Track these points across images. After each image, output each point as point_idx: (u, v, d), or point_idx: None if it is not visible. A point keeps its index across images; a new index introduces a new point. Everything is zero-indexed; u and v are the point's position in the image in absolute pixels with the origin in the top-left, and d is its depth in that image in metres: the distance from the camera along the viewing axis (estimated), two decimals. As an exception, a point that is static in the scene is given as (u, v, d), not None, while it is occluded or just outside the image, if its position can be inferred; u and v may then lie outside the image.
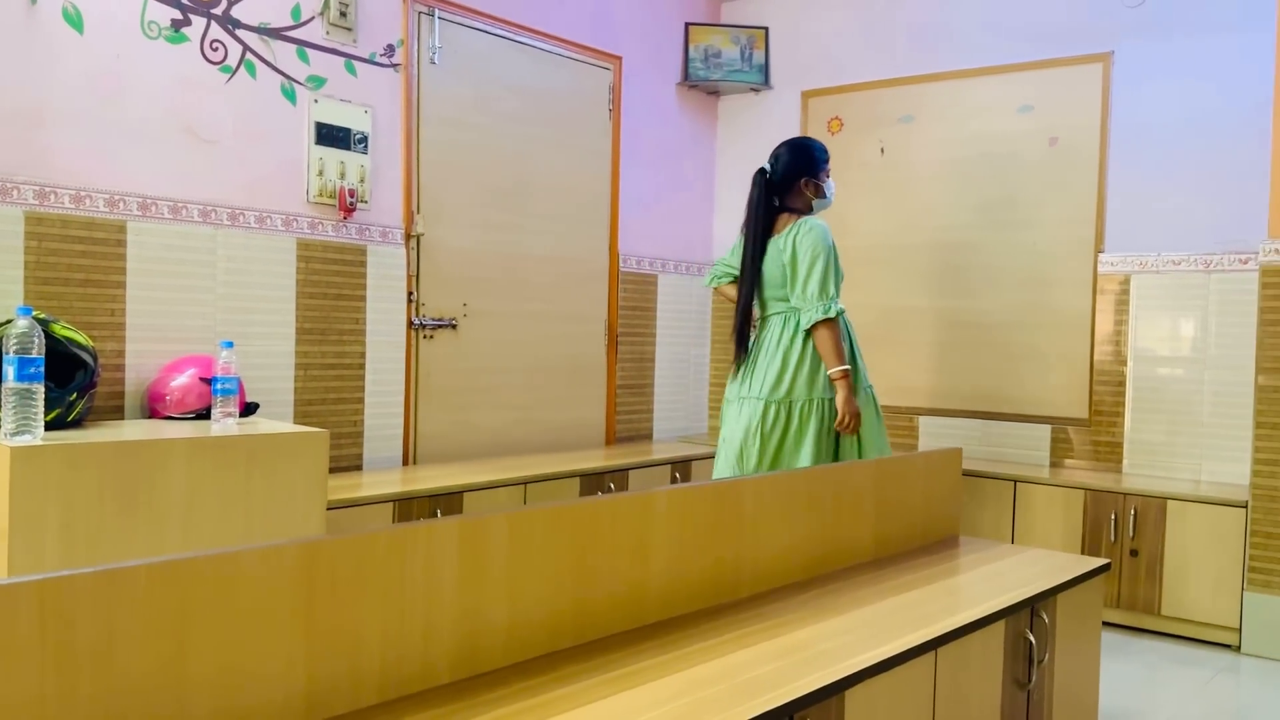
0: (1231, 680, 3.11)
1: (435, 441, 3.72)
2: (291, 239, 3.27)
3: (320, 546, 1.31)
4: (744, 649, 1.66)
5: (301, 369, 3.30)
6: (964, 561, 2.40)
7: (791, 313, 3.18)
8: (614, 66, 4.41)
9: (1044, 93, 4.10)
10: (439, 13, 3.67)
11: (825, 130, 4.70)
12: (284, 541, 1.29)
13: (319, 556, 1.31)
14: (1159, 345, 3.84)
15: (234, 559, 1.24)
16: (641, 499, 1.78)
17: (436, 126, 3.69)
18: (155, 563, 1.16)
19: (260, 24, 3.17)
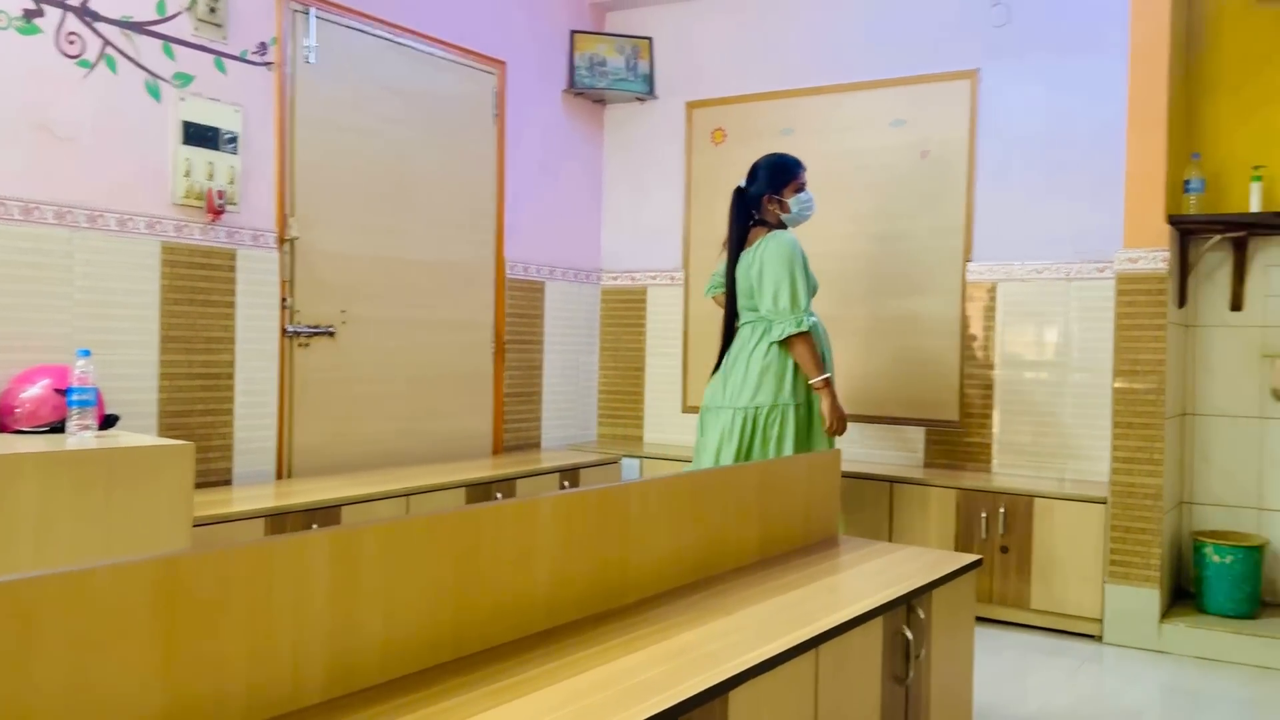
0: (1095, 669, 3.27)
1: (312, 454, 3.60)
2: (156, 242, 3.11)
3: (179, 562, 1.24)
4: (630, 654, 1.64)
5: (166, 379, 3.14)
6: (844, 560, 2.45)
7: (760, 321, 3.31)
8: (498, 71, 4.37)
9: (916, 107, 4.25)
10: (315, 11, 3.56)
11: (709, 141, 4.77)
12: (140, 558, 1.21)
13: (178, 573, 1.24)
14: (1024, 350, 4.02)
15: (84, 578, 1.15)
16: (525, 506, 1.75)
17: (312, 127, 3.57)
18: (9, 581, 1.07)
19: (122, 17, 3.01)
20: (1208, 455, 3.74)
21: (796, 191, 3.39)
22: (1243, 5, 3.66)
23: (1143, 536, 3.44)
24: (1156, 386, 3.43)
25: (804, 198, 3.40)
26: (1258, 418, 3.65)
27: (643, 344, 4.94)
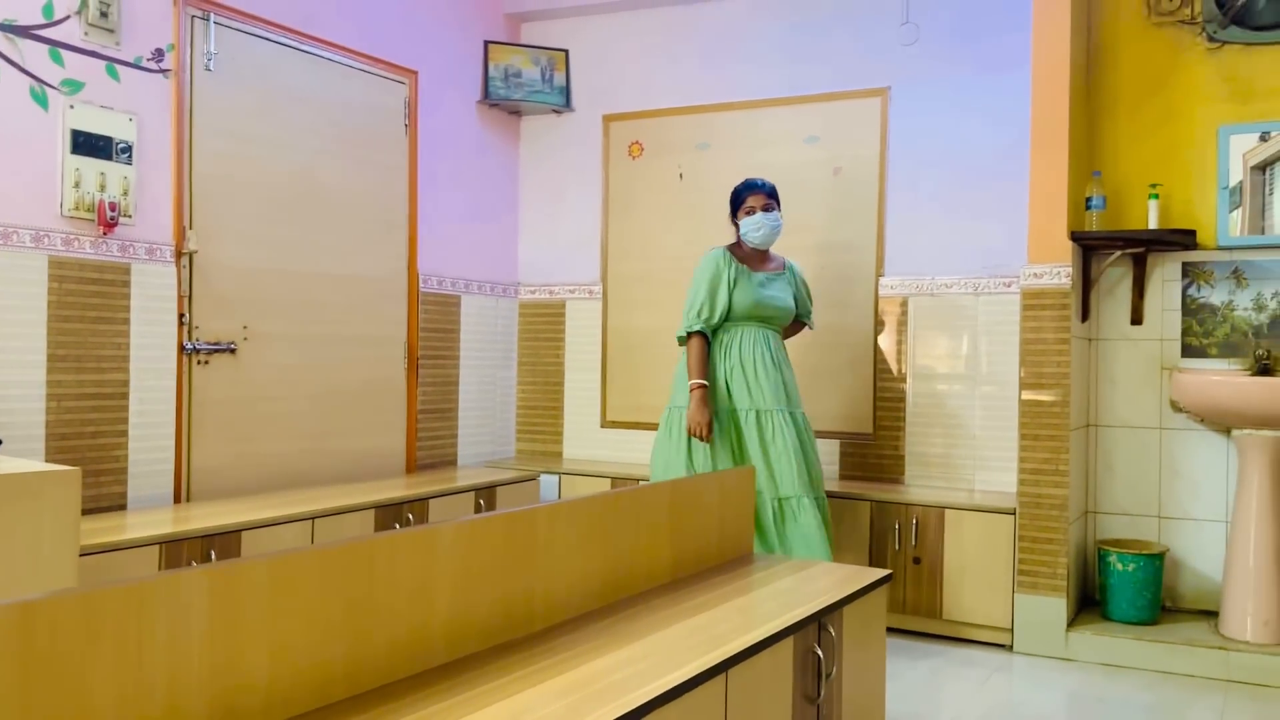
0: (1005, 678, 3.33)
1: (213, 476, 3.46)
2: (42, 256, 2.96)
3: (36, 608, 1.15)
4: (533, 686, 1.60)
5: (54, 400, 2.98)
6: (756, 579, 2.44)
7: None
8: (409, 81, 4.28)
9: (829, 124, 4.30)
10: (214, 17, 3.44)
11: (626, 154, 4.75)
12: (-8, 605, 1.12)
13: (36, 619, 1.15)
14: (935, 363, 4.09)
15: (-75, 629, 1.06)
16: (423, 534, 1.69)
17: (212, 137, 3.45)
18: None
19: (5, 20, 2.86)
20: (1111, 465, 3.84)
21: (746, 215, 3.53)
22: (1140, 27, 3.79)
23: (1049, 546, 3.51)
24: (1061, 399, 3.51)
25: (746, 223, 3.53)
26: (1157, 428, 3.77)
27: (562, 358, 4.89)
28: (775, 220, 3.53)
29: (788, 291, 3.58)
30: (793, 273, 3.65)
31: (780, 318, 3.54)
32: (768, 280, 3.53)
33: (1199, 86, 3.70)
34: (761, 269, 3.56)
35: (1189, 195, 3.70)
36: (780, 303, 3.54)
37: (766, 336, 3.49)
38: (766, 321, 3.51)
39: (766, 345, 3.47)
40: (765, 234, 3.51)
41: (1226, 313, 3.65)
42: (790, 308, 3.57)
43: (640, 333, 4.70)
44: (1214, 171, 3.66)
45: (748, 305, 3.46)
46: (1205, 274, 3.69)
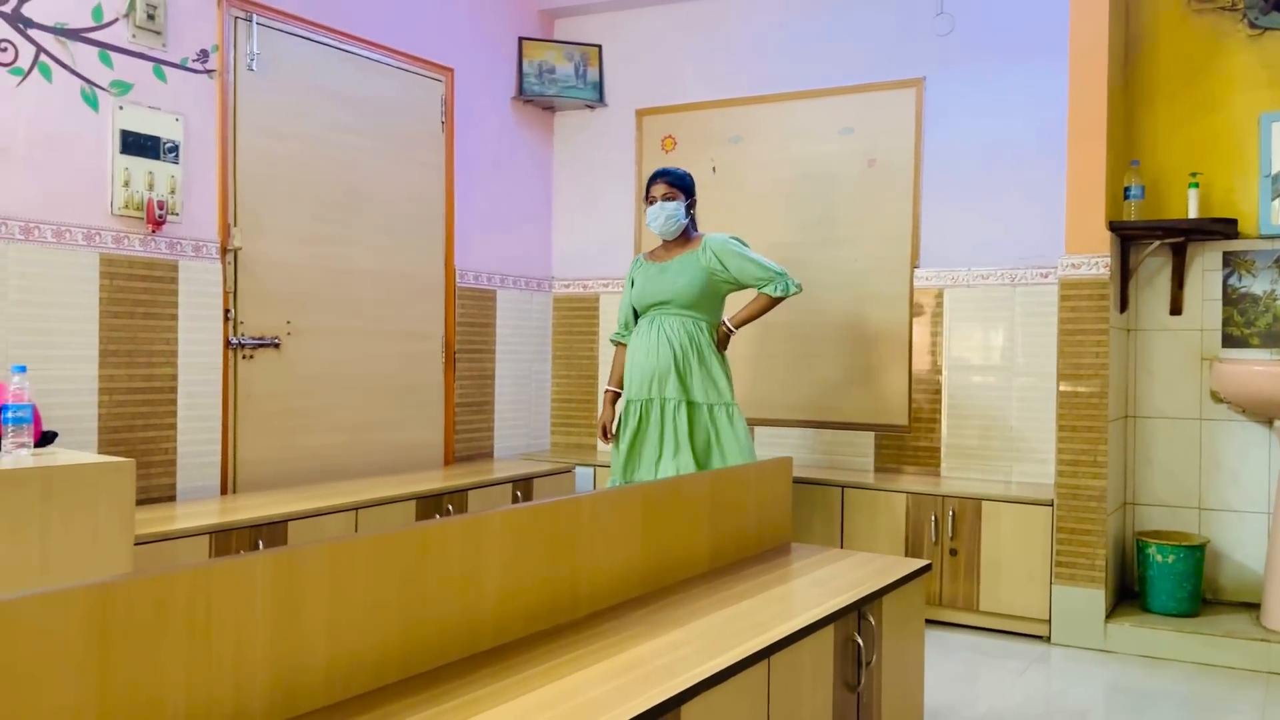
0: (1043, 669, 3.32)
1: (258, 468, 3.53)
2: (94, 254, 3.04)
3: (114, 589, 1.20)
4: (580, 670, 1.63)
5: (106, 394, 3.06)
6: (795, 568, 2.46)
7: None
8: (446, 78, 4.33)
9: (863, 116, 4.30)
10: (257, 18, 3.51)
11: (659, 148, 4.77)
12: (72, 585, 1.17)
13: (113, 600, 1.20)
14: (971, 355, 4.08)
15: (13, 607, 1.12)
16: (472, 522, 1.73)
17: (255, 135, 3.52)
18: (-88, 618, 1.03)
19: (57, 24, 2.94)
20: (1150, 457, 3.82)
21: (648, 205, 3.50)
22: (1179, 14, 3.76)
23: (1088, 538, 3.50)
24: (1100, 390, 3.50)
25: (648, 214, 3.50)
26: (1197, 419, 3.74)
27: (595, 351, 4.93)
28: (671, 210, 3.43)
29: (688, 272, 3.40)
30: (707, 248, 3.43)
31: (675, 301, 3.40)
32: (666, 268, 3.45)
33: (1240, 74, 3.66)
34: (666, 257, 3.49)
35: (1230, 184, 3.67)
36: (663, 286, 3.41)
37: (663, 324, 3.41)
38: (661, 307, 3.43)
39: (659, 332, 3.40)
40: (661, 224, 3.45)
41: (1269, 302, 3.62)
42: (683, 289, 3.38)
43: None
44: (1255, 160, 3.63)
45: (637, 299, 3.49)
46: (1247, 263, 3.65)
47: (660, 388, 3.35)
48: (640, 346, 3.43)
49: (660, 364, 3.36)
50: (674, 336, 3.37)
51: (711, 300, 3.44)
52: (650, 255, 3.56)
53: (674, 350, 3.36)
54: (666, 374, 3.34)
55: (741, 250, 3.41)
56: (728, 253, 3.40)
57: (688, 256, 3.43)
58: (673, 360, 3.35)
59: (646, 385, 3.37)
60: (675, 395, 3.34)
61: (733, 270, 3.38)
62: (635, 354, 3.44)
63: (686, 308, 3.40)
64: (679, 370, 3.35)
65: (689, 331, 3.39)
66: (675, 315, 3.40)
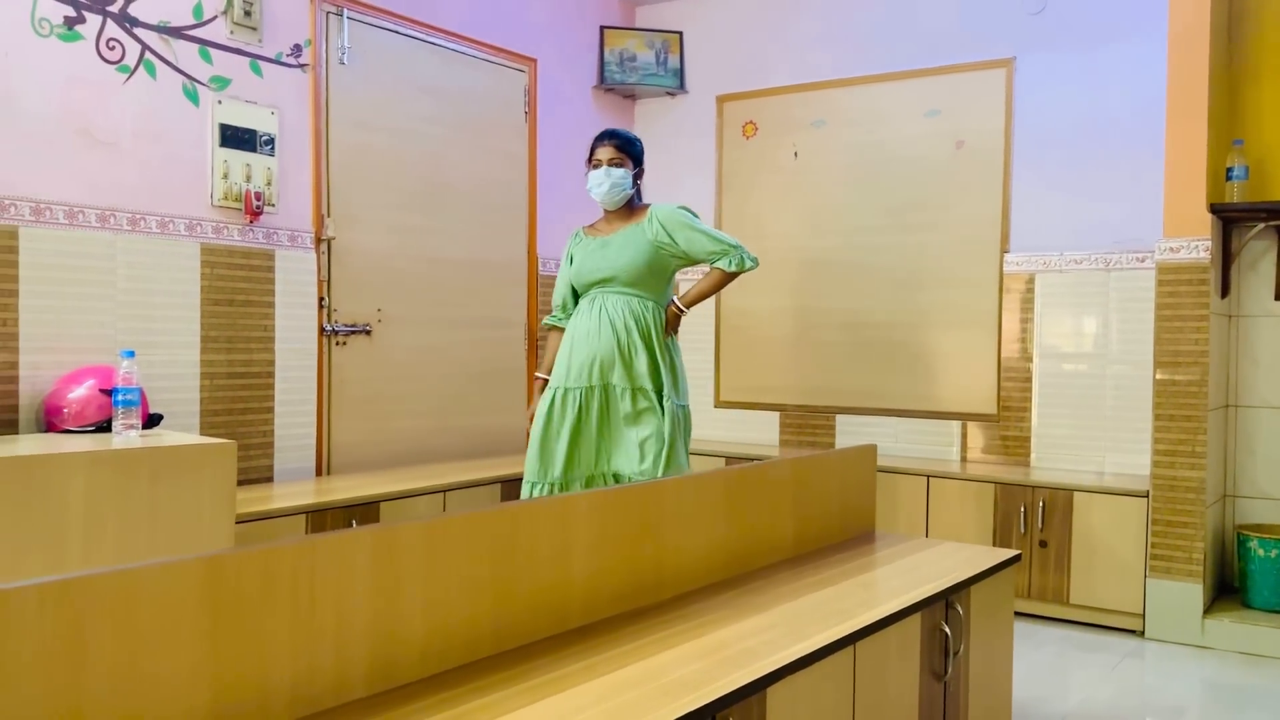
0: (1137, 664, 3.23)
1: (350, 450, 3.64)
2: (195, 244, 3.16)
3: (224, 561, 1.26)
4: (666, 650, 1.65)
5: (208, 378, 3.19)
6: (880, 556, 2.44)
7: None
8: (529, 69, 4.38)
9: (951, 97, 4.21)
10: (348, 12, 3.60)
11: (740, 134, 4.75)
12: (186, 556, 1.23)
13: (223, 571, 1.26)
14: (1063, 342, 3.98)
15: (133, 576, 1.18)
16: (561, 503, 1.76)
17: (346, 128, 3.61)
18: (48, 582, 1.10)
19: (160, 22, 3.06)
20: (1252, 448, 3.67)
21: (591, 169, 3.11)
22: (1286, -12, 3.58)
23: (1185, 530, 3.39)
24: (1199, 378, 3.37)
25: (589, 180, 3.12)
26: (1304, 409, 3.58)
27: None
28: (618, 178, 3.04)
29: (632, 246, 3.03)
30: (654, 219, 3.06)
31: (619, 278, 3.02)
32: (609, 242, 3.07)
33: (1354, 46, 3.48)
34: (609, 231, 3.11)
35: (1342, 162, 3.50)
36: (605, 262, 3.04)
37: (605, 304, 3.02)
38: (603, 285, 3.05)
39: (601, 313, 3.01)
40: (605, 192, 3.06)
41: (1384, 287, 3.44)
42: (627, 264, 3.01)
43: (754, 313, 4.70)
44: (1371, 136, 3.45)
45: (576, 277, 3.11)
46: (1360, 246, 3.48)
47: (604, 374, 2.97)
48: (580, 328, 3.03)
49: (603, 348, 2.97)
50: (617, 318, 2.99)
51: (659, 278, 3.06)
52: (590, 228, 3.19)
53: (617, 333, 2.97)
54: (610, 359, 2.96)
55: (691, 221, 3.05)
56: (676, 224, 3.03)
57: (632, 229, 3.05)
58: (615, 344, 2.96)
59: (587, 371, 2.97)
60: (621, 383, 2.97)
61: (681, 243, 3.02)
62: (575, 337, 3.04)
63: (631, 285, 3.02)
64: (623, 355, 2.97)
65: (634, 312, 3.00)
66: (619, 294, 3.02)
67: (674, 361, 3.07)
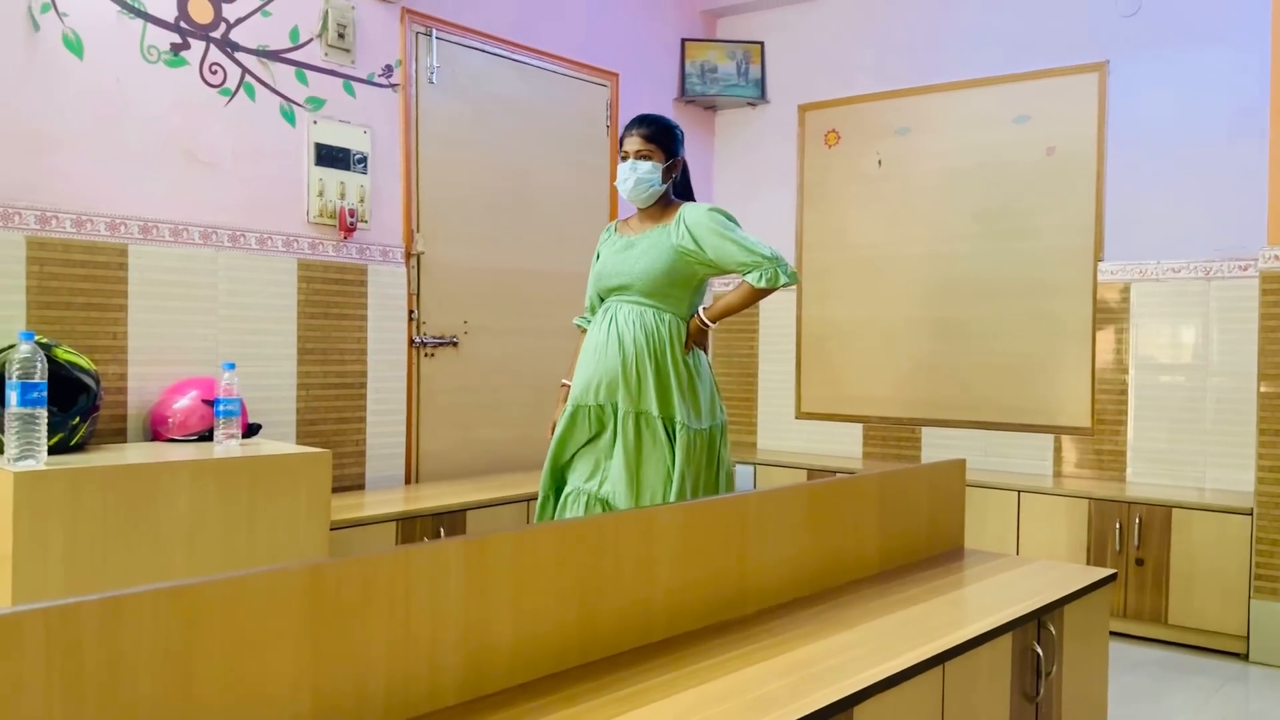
0: (1240, 689, 3.10)
1: (437, 459, 3.72)
2: (292, 260, 3.28)
3: (325, 569, 1.31)
4: (752, 665, 1.65)
5: (303, 389, 3.30)
6: (969, 574, 2.39)
7: None
8: (610, 83, 4.43)
9: (1040, 102, 4.12)
10: (436, 33, 3.69)
11: (822, 143, 4.72)
12: (289, 565, 1.28)
13: (324, 579, 1.31)
14: (1160, 353, 3.84)
15: (240, 583, 1.23)
16: (645, 515, 1.78)
17: (435, 145, 3.70)
18: (161, 589, 1.16)
19: (259, 46, 3.19)
20: (1367, 464, 3.49)
21: (621, 162, 2.77)
22: (1402, -18, 3.41)
23: (1294, 550, 3.24)
24: (1308, 391, 3.23)
25: (619, 170, 2.77)
26: None
27: (755, 349, 4.92)
28: (644, 172, 2.69)
29: (654, 251, 2.68)
30: (680, 222, 2.70)
31: (635, 286, 2.69)
32: (633, 244, 2.74)
33: None
34: (637, 230, 2.78)
35: None
36: (624, 266, 2.71)
37: (617, 315, 2.70)
38: (620, 292, 2.72)
39: (611, 326, 2.69)
40: (631, 188, 2.71)
41: None
42: (645, 271, 2.67)
43: (837, 323, 4.66)
44: None
45: (595, 278, 2.81)
46: None
47: (609, 393, 2.65)
48: (590, 341, 2.74)
49: (607, 365, 2.65)
50: (626, 332, 2.66)
51: (682, 288, 2.69)
52: (623, 225, 2.85)
53: (624, 349, 2.64)
54: (614, 379, 2.64)
55: (724, 226, 2.67)
56: (705, 229, 2.66)
57: (658, 232, 2.71)
58: (620, 362, 2.63)
59: (594, 389, 2.66)
60: (624, 405, 2.63)
61: (709, 251, 2.65)
62: (586, 349, 2.75)
63: (648, 295, 2.67)
64: (627, 375, 2.63)
65: (646, 327, 2.65)
66: (633, 304, 2.69)
67: (693, 382, 2.68)
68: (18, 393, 2.21)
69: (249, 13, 3.15)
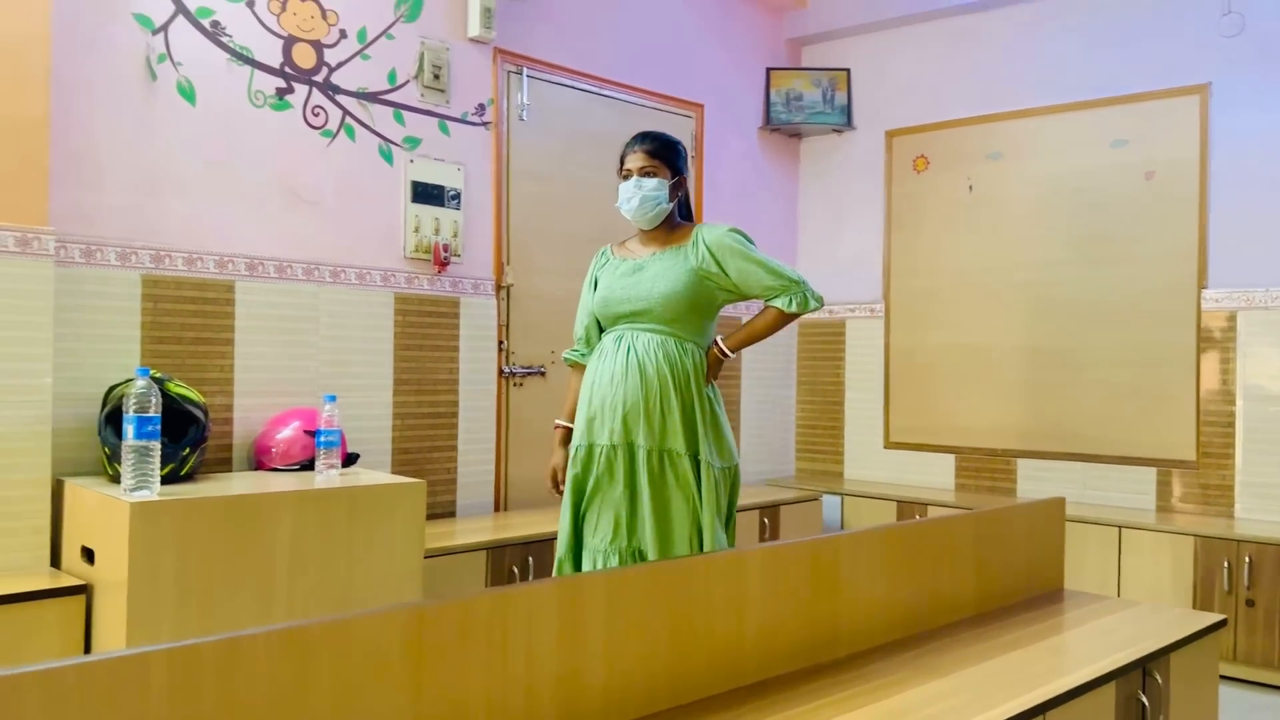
0: (1364, 742, 2.93)
1: (526, 487, 3.77)
2: (389, 294, 3.38)
3: (426, 611, 1.34)
4: (846, 713, 1.63)
5: (399, 419, 3.39)
6: (1069, 617, 2.32)
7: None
8: (696, 114, 4.46)
9: (1139, 126, 4.00)
10: (527, 71, 3.78)
11: (910, 169, 4.67)
12: (393, 607, 1.32)
13: (425, 621, 1.34)
14: (1270, 383, 3.68)
15: (347, 625, 1.28)
16: (735, 558, 1.78)
17: (525, 180, 3.78)
18: (275, 630, 1.21)
19: (359, 89, 3.31)
20: None
21: (622, 180, 2.61)
22: None
23: None
24: None
25: (620, 191, 2.60)
26: None
27: (841, 377, 4.87)
28: (650, 190, 2.52)
29: (672, 274, 2.49)
30: (699, 242, 2.52)
31: (653, 312, 2.49)
32: (643, 266, 2.55)
33: None
34: (643, 252, 2.60)
35: None
36: (638, 291, 2.51)
37: (635, 344, 2.50)
38: (633, 319, 2.52)
39: (629, 355, 2.49)
40: (635, 208, 2.54)
41: None
42: (664, 296, 2.48)
43: (927, 351, 4.59)
44: None
45: (598, 304, 2.61)
46: None
47: (627, 430, 2.44)
48: (603, 373, 2.52)
49: (628, 399, 2.45)
50: (648, 362, 2.46)
51: (701, 314, 2.53)
52: (620, 247, 2.67)
53: (646, 381, 2.45)
54: (636, 413, 2.44)
55: (746, 248, 2.51)
56: (727, 250, 2.49)
57: (673, 253, 2.54)
58: (643, 395, 2.44)
59: (608, 426, 2.46)
60: (646, 443, 2.43)
61: (732, 274, 2.49)
62: (595, 382, 2.53)
63: (668, 322, 2.49)
64: (650, 409, 2.44)
65: (670, 356, 2.48)
66: (652, 332, 2.50)
67: (715, 416, 2.52)
68: (134, 426, 2.32)
69: (349, 56, 3.28)
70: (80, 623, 2.37)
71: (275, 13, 3.11)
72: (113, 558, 2.30)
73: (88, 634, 2.39)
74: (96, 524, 2.41)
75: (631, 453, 2.45)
